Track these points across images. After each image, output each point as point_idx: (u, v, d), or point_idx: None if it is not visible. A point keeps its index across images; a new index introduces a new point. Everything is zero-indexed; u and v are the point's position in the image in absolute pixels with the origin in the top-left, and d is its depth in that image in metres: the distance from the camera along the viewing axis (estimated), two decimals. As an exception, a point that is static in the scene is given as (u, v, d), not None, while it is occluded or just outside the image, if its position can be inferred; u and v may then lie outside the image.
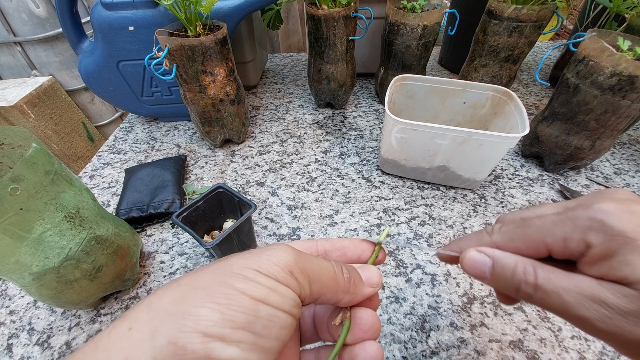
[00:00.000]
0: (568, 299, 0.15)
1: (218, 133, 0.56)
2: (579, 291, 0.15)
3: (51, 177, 0.27)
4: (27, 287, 0.30)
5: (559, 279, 0.16)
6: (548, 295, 0.16)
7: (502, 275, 0.17)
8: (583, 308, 0.15)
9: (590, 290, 0.15)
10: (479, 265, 0.18)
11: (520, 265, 0.17)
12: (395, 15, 0.55)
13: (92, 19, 0.51)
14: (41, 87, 1.00)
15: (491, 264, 0.18)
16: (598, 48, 0.39)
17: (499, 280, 0.18)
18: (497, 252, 0.18)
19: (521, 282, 0.17)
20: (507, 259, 0.18)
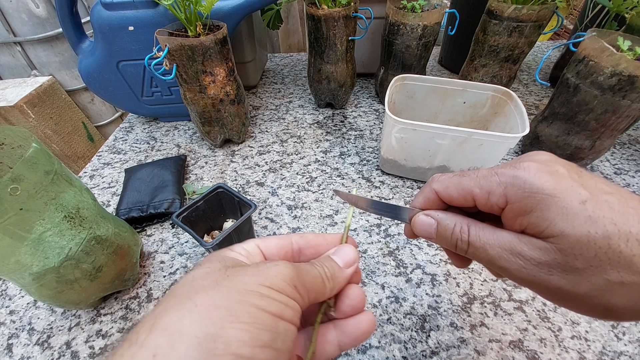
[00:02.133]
0: (492, 253, 0.18)
1: (218, 133, 0.56)
2: (501, 245, 0.17)
3: (51, 177, 0.27)
4: (27, 287, 0.30)
5: (486, 235, 0.18)
6: (477, 250, 0.18)
7: (444, 234, 0.20)
8: (503, 260, 0.17)
9: (509, 244, 0.17)
10: (426, 227, 0.21)
11: (457, 225, 0.19)
12: (395, 15, 0.55)
13: (92, 19, 0.51)
14: (41, 87, 1.00)
15: (436, 225, 0.20)
16: (598, 48, 0.39)
17: (442, 238, 0.20)
18: (440, 215, 0.20)
19: (457, 240, 0.19)
20: (448, 220, 0.20)
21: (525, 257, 0.16)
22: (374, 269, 0.40)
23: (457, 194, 0.19)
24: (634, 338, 0.33)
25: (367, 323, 0.20)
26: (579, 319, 0.35)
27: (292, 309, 0.15)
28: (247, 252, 0.19)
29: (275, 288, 0.15)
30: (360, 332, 0.19)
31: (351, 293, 0.20)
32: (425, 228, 0.21)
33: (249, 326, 0.13)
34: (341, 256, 0.20)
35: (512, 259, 0.17)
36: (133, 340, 0.13)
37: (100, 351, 0.34)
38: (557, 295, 0.16)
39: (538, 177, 0.16)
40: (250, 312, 0.13)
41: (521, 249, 0.17)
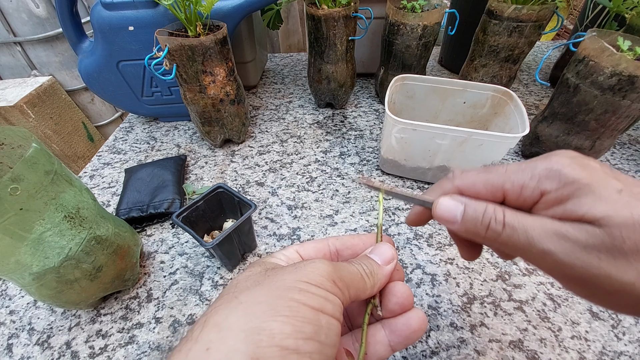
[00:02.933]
0: (533, 234, 0.16)
1: (218, 133, 0.56)
2: (544, 227, 0.16)
3: (51, 177, 0.27)
4: (27, 287, 0.30)
5: (525, 217, 0.17)
6: (515, 231, 0.16)
7: (474, 217, 0.18)
8: (548, 241, 0.16)
9: (553, 226, 0.16)
10: (451, 210, 0.19)
11: (490, 207, 0.18)
12: (395, 15, 0.55)
13: (92, 19, 0.51)
14: (41, 87, 1.00)
15: (463, 207, 0.19)
16: (598, 48, 0.39)
17: (469, 222, 0.18)
18: (467, 200, 0.19)
19: (491, 220, 0.17)
20: (479, 204, 0.18)
21: (572, 239, 0.15)
22: (374, 269, 0.40)
23: (485, 190, 0.18)
24: (634, 338, 0.33)
25: (418, 320, 0.19)
26: (579, 319, 0.35)
27: (332, 303, 0.15)
28: (287, 257, 0.20)
29: (314, 283, 0.15)
30: (411, 330, 0.19)
31: (396, 290, 0.20)
32: (450, 210, 0.19)
33: (290, 319, 0.14)
34: (378, 254, 0.20)
35: (558, 241, 0.15)
36: (189, 337, 0.14)
37: (100, 351, 0.34)
38: (602, 289, 0.15)
39: (572, 169, 0.16)
40: (290, 306, 0.14)
41: (567, 231, 0.15)
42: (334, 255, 0.21)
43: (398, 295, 0.19)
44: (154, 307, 0.37)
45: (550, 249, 0.15)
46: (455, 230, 0.19)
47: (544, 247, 0.16)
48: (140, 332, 0.35)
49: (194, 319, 0.36)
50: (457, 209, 0.19)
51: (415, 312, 0.20)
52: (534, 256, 0.16)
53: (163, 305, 0.37)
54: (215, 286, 0.39)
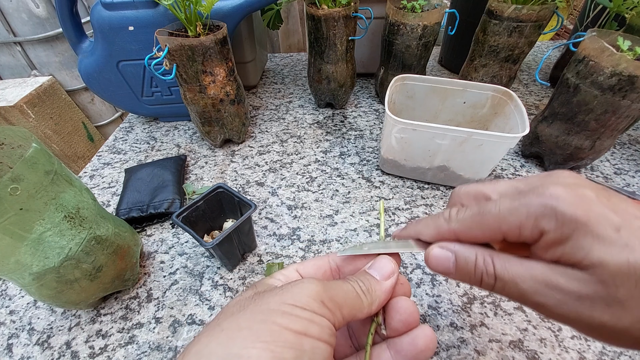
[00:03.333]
0: (524, 286, 0.16)
1: (218, 133, 0.56)
2: (533, 278, 0.16)
3: (51, 177, 0.27)
4: (27, 287, 0.30)
5: (514, 267, 0.16)
6: (507, 284, 0.16)
7: (466, 268, 0.18)
8: (539, 295, 0.15)
9: (543, 276, 0.15)
10: (443, 262, 0.19)
11: (479, 256, 0.17)
12: (395, 15, 0.55)
13: (92, 19, 0.51)
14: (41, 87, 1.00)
15: (454, 258, 0.18)
16: (598, 48, 0.39)
17: (463, 274, 0.18)
18: (457, 247, 0.18)
19: (483, 274, 0.17)
20: (468, 252, 0.18)
21: (563, 289, 0.15)
22: (374, 269, 0.40)
23: (482, 234, 0.18)
24: (634, 338, 0.33)
25: (425, 339, 0.18)
26: (579, 319, 0.35)
27: (319, 325, 0.15)
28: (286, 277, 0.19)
29: (299, 304, 0.15)
30: (418, 350, 0.18)
31: (399, 306, 0.19)
32: (442, 262, 0.19)
33: (270, 345, 0.13)
34: (377, 268, 0.19)
35: (549, 292, 0.15)
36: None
37: (100, 351, 0.34)
38: (598, 331, 0.15)
39: (568, 204, 0.15)
40: (272, 331, 0.14)
41: (557, 281, 0.15)
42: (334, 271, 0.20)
43: (401, 312, 0.18)
44: (154, 307, 0.37)
45: (542, 302, 0.15)
46: (453, 279, 0.19)
47: (537, 300, 0.15)
48: (140, 332, 0.35)
49: (194, 318, 0.36)
50: (449, 260, 0.18)
51: (422, 330, 0.18)
52: (530, 306, 0.16)
53: (163, 305, 0.37)
54: (215, 286, 0.39)
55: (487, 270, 0.17)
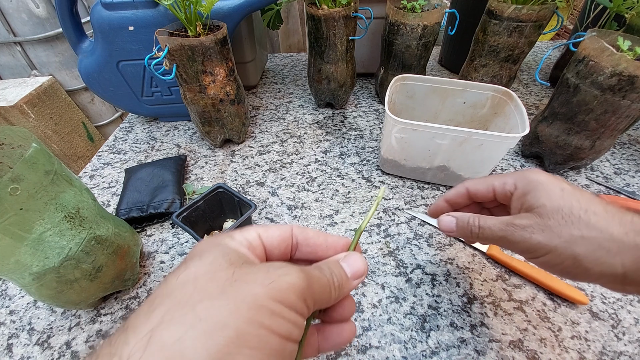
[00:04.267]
0: (495, 228, 0.25)
1: (218, 133, 0.56)
2: (501, 222, 0.25)
3: (51, 177, 0.27)
4: (27, 287, 0.30)
5: (491, 220, 0.26)
6: (485, 230, 0.26)
7: (462, 225, 0.28)
8: (502, 231, 0.25)
9: (506, 220, 0.25)
10: (449, 223, 0.29)
11: (470, 218, 0.27)
12: (395, 15, 0.55)
13: (92, 19, 0.51)
14: (41, 87, 1.00)
15: (455, 221, 0.29)
16: (598, 48, 0.39)
17: (461, 229, 0.28)
18: (457, 214, 0.29)
19: (472, 227, 0.27)
20: (464, 216, 0.28)
21: (515, 224, 0.24)
22: (374, 269, 0.40)
23: (483, 187, 0.28)
24: (634, 338, 0.33)
25: (349, 333, 0.20)
26: (579, 319, 0.35)
27: (299, 328, 0.15)
28: (249, 242, 0.17)
29: (287, 304, 0.14)
30: (341, 340, 0.20)
31: (347, 304, 0.20)
32: (448, 223, 0.29)
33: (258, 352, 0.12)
34: (351, 265, 0.19)
35: (507, 228, 0.24)
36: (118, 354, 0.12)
37: (100, 351, 0.34)
38: (538, 252, 0.23)
39: (537, 174, 0.25)
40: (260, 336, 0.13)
41: (513, 221, 0.24)
42: (293, 247, 0.20)
43: (346, 309, 0.19)
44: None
45: (503, 235, 0.25)
46: (454, 235, 0.30)
47: (500, 235, 0.25)
48: (140, 332, 0.35)
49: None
50: (452, 222, 0.29)
51: (349, 325, 0.20)
52: (498, 242, 0.26)
53: (163, 305, 0.37)
54: (215, 286, 0.39)
55: (474, 224, 0.27)
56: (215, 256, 0.15)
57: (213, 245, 0.16)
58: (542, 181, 0.24)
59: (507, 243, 0.25)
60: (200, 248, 0.16)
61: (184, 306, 0.13)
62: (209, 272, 0.14)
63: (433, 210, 0.33)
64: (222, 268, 0.15)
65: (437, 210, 0.32)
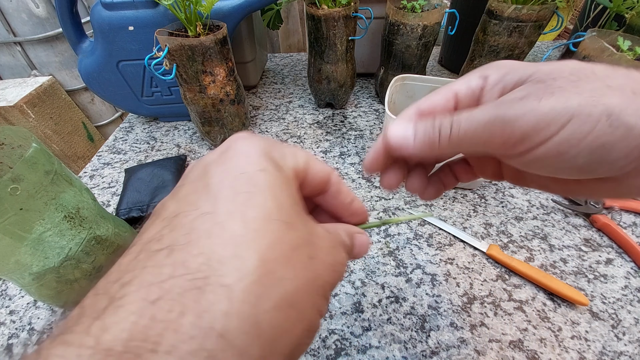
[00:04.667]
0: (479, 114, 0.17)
1: (218, 133, 0.56)
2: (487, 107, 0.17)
3: (51, 177, 0.27)
4: (27, 287, 0.30)
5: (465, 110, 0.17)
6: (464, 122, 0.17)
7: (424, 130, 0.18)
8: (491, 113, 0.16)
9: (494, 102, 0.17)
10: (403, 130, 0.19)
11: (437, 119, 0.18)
12: (395, 15, 0.55)
13: (92, 19, 0.51)
14: (41, 87, 1.00)
15: (413, 125, 0.19)
16: (598, 48, 0.39)
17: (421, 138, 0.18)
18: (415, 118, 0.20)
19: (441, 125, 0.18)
20: (425, 119, 0.19)
21: (509, 100, 0.16)
22: (374, 269, 0.40)
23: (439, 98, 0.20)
24: (634, 338, 0.33)
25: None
26: (579, 319, 0.35)
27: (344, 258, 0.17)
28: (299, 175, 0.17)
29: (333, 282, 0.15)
30: None
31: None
32: (401, 130, 0.19)
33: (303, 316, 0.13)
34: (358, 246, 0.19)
35: (499, 106, 0.16)
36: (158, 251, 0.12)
37: (100, 351, 0.34)
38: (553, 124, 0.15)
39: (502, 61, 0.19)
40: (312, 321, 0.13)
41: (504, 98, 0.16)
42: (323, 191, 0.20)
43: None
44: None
45: (495, 116, 0.16)
46: (411, 152, 0.19)
47: (488, 118, 0.16)
48: (140, 332, 0.35)
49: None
50: (407, 129, 0.19)
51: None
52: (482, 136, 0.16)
53: (163, 305, 0.37)
54: (215, 286, 0.39)
55: (444, 122, 0.18)
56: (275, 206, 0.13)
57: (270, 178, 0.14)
58: (514, 62, 0.18)
59: (499, 131, 0.16)
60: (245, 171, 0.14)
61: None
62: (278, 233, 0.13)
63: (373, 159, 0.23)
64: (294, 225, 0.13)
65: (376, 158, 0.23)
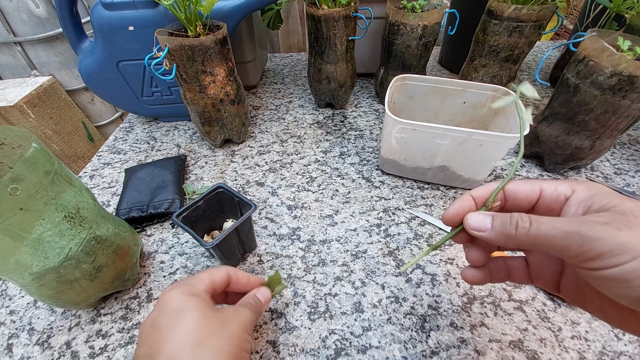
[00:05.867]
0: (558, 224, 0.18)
1: (218, 133, 0.56)
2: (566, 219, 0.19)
3: (51, 177, 0.27)
4: (27, 287, 0.30)
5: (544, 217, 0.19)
6: (540, 226, 0.19)
7: (502, 221, 0.21)
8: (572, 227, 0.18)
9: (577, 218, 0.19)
10: (481, 220, 0.22)
11: (516, 215, 0.20)
12: (395, 15, 0.55)
13: (92, 19, 0.51)
14: (41, 87, 1.00)
15: (491, 217, 0.22)
16: (598, 48, 0.39)
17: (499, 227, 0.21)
18: (491, 212, 0.22)
19: (518, 220, 0.20)
20: (503, 214, 0.21)
21: (591, 220, 0.18)
22: (374, 269, 0.40)
23: (526, 186, 0.23)
24: (634, 338, 0.33)
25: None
26: (579, 319, 0.35)
27: (249, 343, 0.25)
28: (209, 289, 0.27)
29: (248, 332, 0.25)
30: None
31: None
32: (479, 221, 0.22)
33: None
34: (262, 295, 0.30)
35: (580, 224, 0.18)
36: None
37: (100, 351, 0.34)
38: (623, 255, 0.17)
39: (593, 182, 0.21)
40: (241, 353, 0.24)
41: (587, 217, 0.18)
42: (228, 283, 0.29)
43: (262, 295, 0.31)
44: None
45: (573, 231, 0.18)
46: (486, 236, 0.22)
47: (568, 231, 0.18)
48: (140, 332, 0.35)
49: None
50: (486, 219, 0.22)
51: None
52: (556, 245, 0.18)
53: (163, 305, 0.37)
54: (215, 286, 0.39)
55: (523, 217, 0.20)
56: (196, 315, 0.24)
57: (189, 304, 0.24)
58: (604, 187, 0.20)
59: (577, 244, 0.18)
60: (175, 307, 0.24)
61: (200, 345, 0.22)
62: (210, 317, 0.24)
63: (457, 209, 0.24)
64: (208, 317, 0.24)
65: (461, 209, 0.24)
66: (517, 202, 0.23)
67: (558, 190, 0.21)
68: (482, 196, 0.24)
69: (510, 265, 0.26)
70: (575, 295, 0.22)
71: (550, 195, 0.21)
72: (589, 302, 0.21)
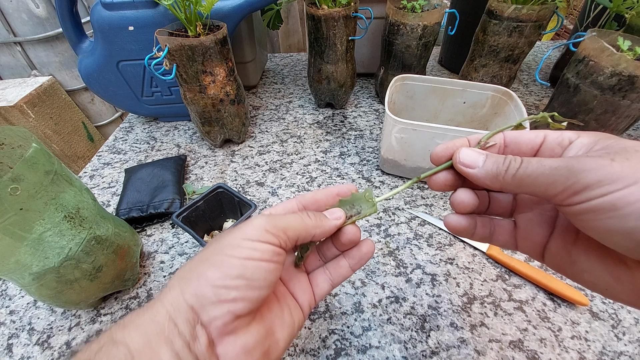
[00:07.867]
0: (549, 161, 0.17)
1: (218, 133, 0.56)
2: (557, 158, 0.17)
3: (51, 177, 0.27)
4: (27, 287, 0.30)
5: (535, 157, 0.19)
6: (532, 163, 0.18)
7: (494, 161, 0.20)
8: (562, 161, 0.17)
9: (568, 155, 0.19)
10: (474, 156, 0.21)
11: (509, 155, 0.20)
12: (395, 15, 0.55)
13: (92, 19, 0.51)
14: (41, 87, 1.00)
15: (485, 156, 0.21)
16: (598, 48, 0.39)
17: (490, 165, 0.20)
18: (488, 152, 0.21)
19: (510, 160, 0.19)
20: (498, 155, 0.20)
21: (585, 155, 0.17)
22: (374, 269, 0.40)
23: (529, 132, 0.21)
24: (634, 338, 0.33)
25: (367, 246, 0.25)
26: (579, 319, 0.35)
27: (260, 250, 0.19)
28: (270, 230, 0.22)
29: (246, 237, 0.19)
30: (362, 254, 0.25)
31: (346, 230, 0.24)
32: (473, 155, 0.21)
33: (220, 267, 0.18)
34: (330, 212, 0.24)
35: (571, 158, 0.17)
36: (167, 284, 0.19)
37: (100, 351, 0.34)
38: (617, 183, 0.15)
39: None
40: (222, 260, 0.19)
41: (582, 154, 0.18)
42: (301, 210, 0.24)
43: (346, 233, 0.24)
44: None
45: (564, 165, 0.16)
46: (474, 173, 0.21)
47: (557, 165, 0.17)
48: (140, 332, 0.35)
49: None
50: (479, 156, 0.21)
51: (365, 241, 0.25)
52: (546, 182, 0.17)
53: (163, 305, 0.37)
54: (215, 286, 0.39)
55: (515, 158, 0.19)
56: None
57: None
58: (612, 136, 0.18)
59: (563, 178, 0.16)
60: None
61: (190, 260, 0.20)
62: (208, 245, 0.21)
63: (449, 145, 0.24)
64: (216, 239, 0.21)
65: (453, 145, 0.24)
66: (519, 146, 0.21)
67: (564, 134, 0.20)
68: (478, 139, 0.23)
69: (497, 224, 0.24)
70: (561, 257, 0.21)
71: (554, 139, 0.20)
72: (575, 261, 0.20)
